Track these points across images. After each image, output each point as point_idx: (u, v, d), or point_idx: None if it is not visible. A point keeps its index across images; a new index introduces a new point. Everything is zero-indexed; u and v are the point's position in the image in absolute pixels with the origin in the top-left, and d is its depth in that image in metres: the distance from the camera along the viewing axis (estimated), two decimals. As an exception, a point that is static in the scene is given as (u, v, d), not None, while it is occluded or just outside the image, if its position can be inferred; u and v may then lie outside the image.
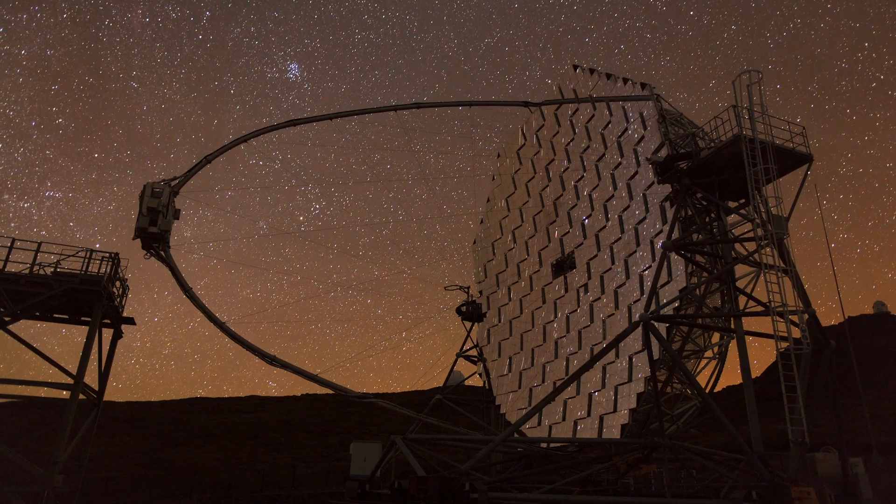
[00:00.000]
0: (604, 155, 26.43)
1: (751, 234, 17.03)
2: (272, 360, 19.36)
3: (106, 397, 20.54)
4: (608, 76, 25.98)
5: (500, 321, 32.74)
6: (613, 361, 22.65)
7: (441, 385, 31.57)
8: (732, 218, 18.99)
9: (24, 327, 23.21)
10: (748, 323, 17.67)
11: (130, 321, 21.02)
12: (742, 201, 18.37)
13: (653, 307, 16.61)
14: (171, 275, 19.12)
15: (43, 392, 18.76)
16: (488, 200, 36.48)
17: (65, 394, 18.24)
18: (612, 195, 25.52)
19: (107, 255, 19.12)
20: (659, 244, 21.28)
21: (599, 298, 25.23)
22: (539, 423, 25.84)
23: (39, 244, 18.35)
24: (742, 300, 18.14)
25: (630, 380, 21.41)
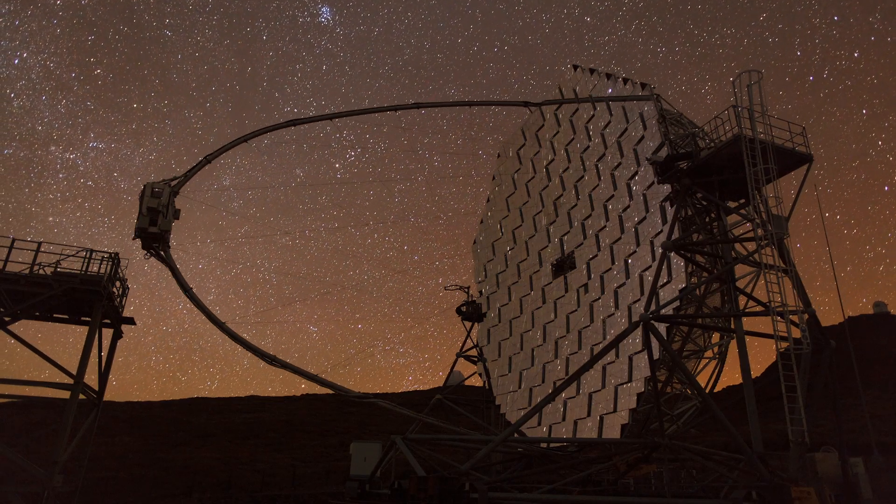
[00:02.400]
0: (604, 155, 26.44)
1: (751, 234, 17.03)
2: (272, 361, 19.36)
3: (106, 397, 20.54)
4: (608, 76, 25.99)
5: (500, 321, 32.73)
6: (613, 361, 22.65)
7: (441, 385, 31.58)
8: (732, 218, 18.98)
9: (24, 327, 23.23)
10: (748, 323, 17.67)
11: (130, 321, 21.02)
12: (742, 201, 18.37)
13: (653, 307, 16.60)
14: (172, 275, 19.14)
15: (43, 392, 18.73)
16: (488, 200, 36.49)
17: (65, 394, 18.23)
18: (613, 195, 25.52)
19: (107, 254, 19.12)
20: (659, 244, 21.29)
21: (599, 298, 25.23)
22: (539, 423, 25.84)
23: (39, 244, 18.35)
24: (742, 300, 18.14)
25: (630, 380, 21.41)
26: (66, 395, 18.17)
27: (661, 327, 18.32)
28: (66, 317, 20.18)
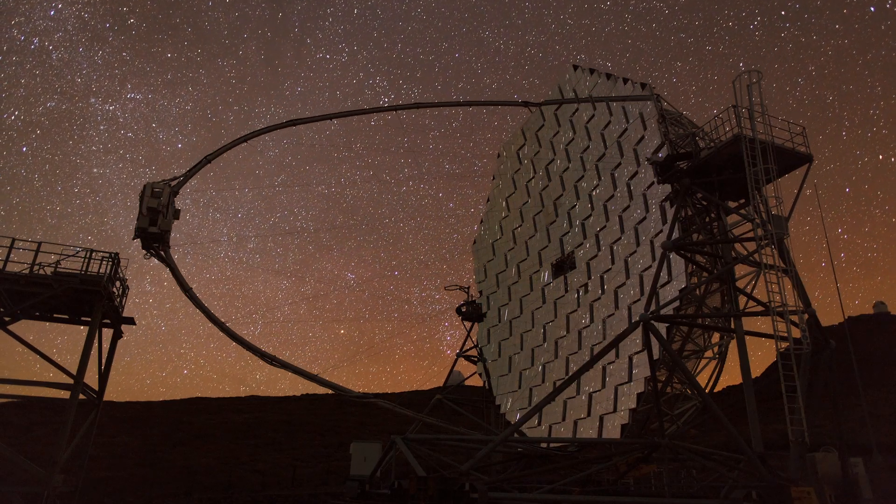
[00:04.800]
0: (604, 155, 26.43)
1: (751, 234, 17.03)
2: (272, 360, 19.37)
3: (106, 397, 20.54)
4: (608, 76, 25.98)
5: (500, 321, 32.74)
6: (613, 361, 22.65)
7: (441, 385, 31.58)
8: (732, 218, 18.98)
9: (24, 327, 23.24)
10: (748, 323, 17.68)
11: (130, 321, 21.02)
12: (742, 201, 18.38)
13: (653, 307, 16.61)
14: (172, 275, 19.15)
15: (43, 392, 18.72)
16: (488, 200, 36.49)
17: (65, 394, 18.23)
18: (613, 195, 25.52)
19: (107, 255, 19.11)
20: (659, 244, 21.29)
21: (599, 298, 25.23)
22: (539, 423, 25.83)
23: (39, 244, 18.35)
24: (742, 300, 18.14)
25: (630, 380, 21.41)
26: (66, 395, 18.17)
27: (661, 327, 18.31)
28: (66, 317, 20.18)
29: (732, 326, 18.22)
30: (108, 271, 18.81)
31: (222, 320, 19.35)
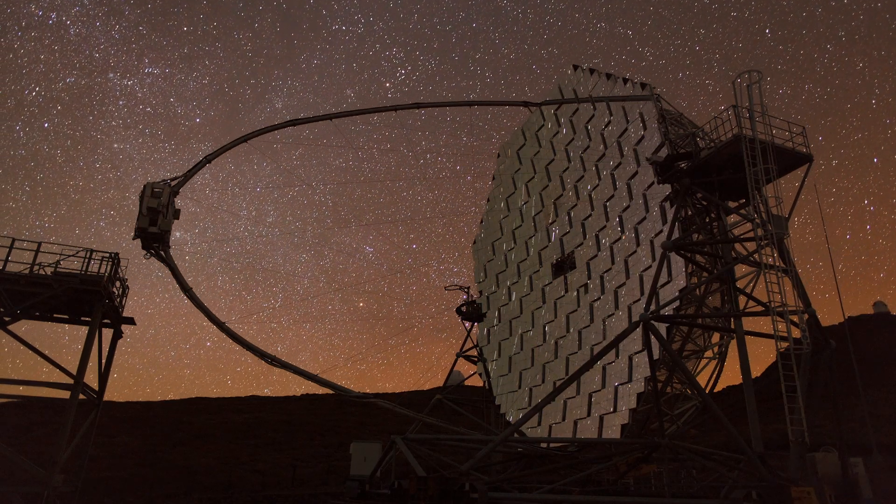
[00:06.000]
0: (604, 155, 26.43)
1: (751, 234, 17.02)
2: (272, 360, 19.36)
3: (106, 397, 20.54)
4: (608, 76, 25.99)
5: (499, 321, 32.74)
6: (613, 361, 22.65)
7: (441, 385, 31.59)
8: (732, 218, 18.99)
9: (24, 327, 23.23)
10: (748, 323, 17.68)
11: (130, 321, 21.01)
12: (742, 201, 18.37)
13: (653, 307, 16.61)
14: (172, 275, 19.15)
15: (43, 392, 18.72)
16: (488, 200, 36.49)
17: (65, 394, 18.22)
18: (613, 195, 25.52)
19: (107, 255, 19.11)
20: (659, 244, 21.30)
21: (599, 298, 25.23)
22: (539, 423, 25.84)
23: (39, 244, 18.35)
24: (742, 300, 18.14)
25: (630, 380, 21.41)
26: (66, 395, 18.16)
27: (661, 327, 18.32)
28: (66, 317, 20.17)
29: (732, 326, 18.22)
30: (108, 271, 18.81)
31: (222, 320, 19.35)
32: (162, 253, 19.13)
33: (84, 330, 18.97)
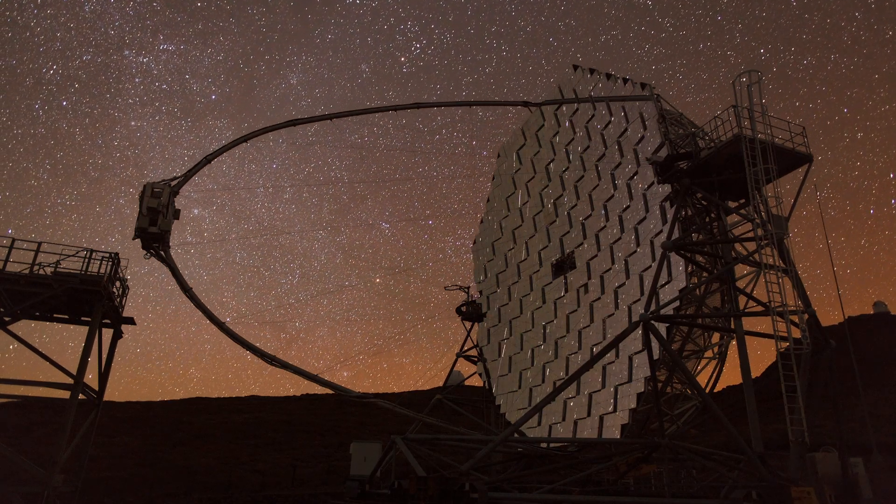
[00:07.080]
0: (604, 155, 26.43)
1: (751, 234, 17.03)
2: (272, 360, 19.37)
3: (106, 397, 20.54)
4: (608, 76, 25.97)
5: (500, 321, 32.73)
6: (613, 361, 22.64)
7: (441, 385, 31.59)
8: (732, 218, 18.99)
9: (24, 327, 23.24)
10: (748, 323, 17.68)
11: (130, 321, 21.02)
12: (742, 201, 18.37)
13: (653, 307, 16.61)
14: (171, 275, 19.15)
15: (43, 392, 18.72)
16: (488, 200, 36.48)
17: (65, 394, 18.23)
18: (613, 195, 25.51)
19: (106, 255, 19.12)
20: (659, 244, 21.30)
21: (599, 298, 25.22)
22: (539, 424, 25.83)
23: (39, 244, 18.35)
24: (742, 300, 18.14)
25: (630, 380, 21.40)
26: (66, 395, 18.16)
27: (661, 327, 18.32)
28: (66, 317, 20.18)
29: (732, 326, 18.22)
30: (107, 271, 18.81)
31: (222, 320, 19.36)
32: (162, 253, 19.14)
33: (84, 330, 18.98)
